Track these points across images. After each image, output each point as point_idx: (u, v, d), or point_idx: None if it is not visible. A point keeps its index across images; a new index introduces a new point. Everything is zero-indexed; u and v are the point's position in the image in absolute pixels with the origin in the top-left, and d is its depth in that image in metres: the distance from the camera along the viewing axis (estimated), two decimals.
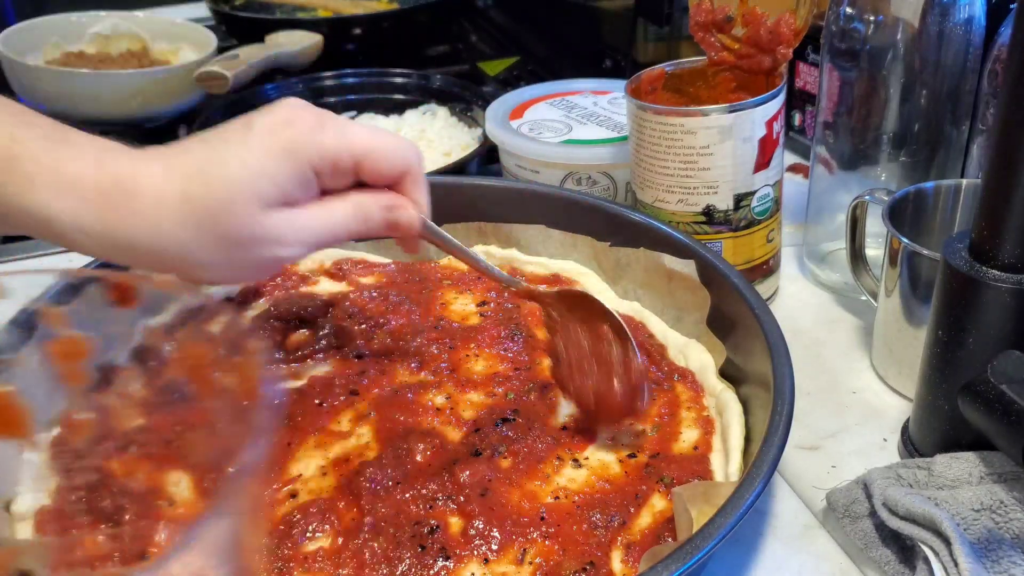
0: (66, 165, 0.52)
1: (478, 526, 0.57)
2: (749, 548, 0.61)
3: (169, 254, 0.53)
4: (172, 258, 0.54)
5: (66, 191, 0.52)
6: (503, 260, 0.84)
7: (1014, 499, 0.56)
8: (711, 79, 0.84)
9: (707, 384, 0.69)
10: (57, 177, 0.52)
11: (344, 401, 0.68)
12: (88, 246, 0.54)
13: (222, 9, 1.63)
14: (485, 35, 1.79)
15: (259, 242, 0.54)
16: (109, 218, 0.52)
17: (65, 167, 0.52)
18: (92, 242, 0.54)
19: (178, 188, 0.52)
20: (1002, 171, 0.54)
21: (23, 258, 1.00)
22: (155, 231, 0.53)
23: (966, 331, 0.59)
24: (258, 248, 0.54)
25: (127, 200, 0.52)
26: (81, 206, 0.52)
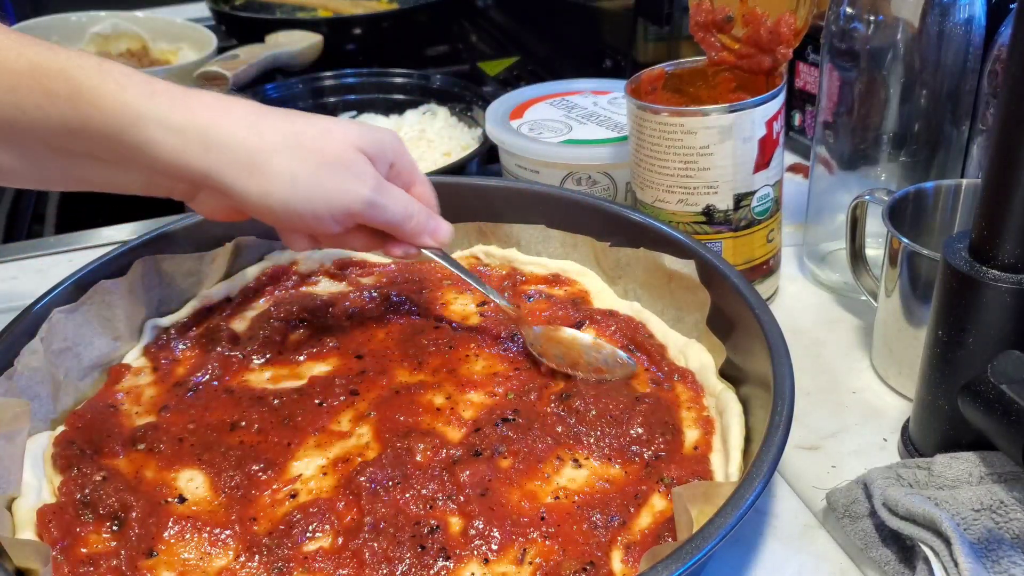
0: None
1: (478, 526, 0.57)
2: (749, 548, 0.61)
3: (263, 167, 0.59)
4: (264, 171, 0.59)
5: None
6: (503, 260, 0.84)
7: (1014, 499, 0.56)
8: (711, 79, 0.84)
9: (707, 384, 0.69)
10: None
11: (344, 401, 0.68)
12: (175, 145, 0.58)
13: (222, 9, 1.63)
14: (485, 35, 1.79)
15: (348, 166, 0.61)
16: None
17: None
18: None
19: (290, 131, 0.60)
20: (1002, 171, 0.54)
21: (23, 258, 1.00)
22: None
23: (966, 331, 0.59)
24: (343, 174, 0.61)
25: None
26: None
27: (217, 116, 0.58)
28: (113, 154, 0.58)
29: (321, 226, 0.62)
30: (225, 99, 0.60)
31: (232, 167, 0.58)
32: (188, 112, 0.57)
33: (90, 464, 0.61)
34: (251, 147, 0.58)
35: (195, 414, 0.67)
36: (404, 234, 0.67)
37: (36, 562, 0.52)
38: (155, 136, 0.56)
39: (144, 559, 0.56)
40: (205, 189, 0.61)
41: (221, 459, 0.62)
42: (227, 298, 0.80)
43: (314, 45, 1.47)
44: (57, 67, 0.55)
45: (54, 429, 0.66)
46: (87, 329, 0.70)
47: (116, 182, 0.62)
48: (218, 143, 0.58)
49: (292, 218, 0.61)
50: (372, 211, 0.63)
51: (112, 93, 0.55)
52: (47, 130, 0.56)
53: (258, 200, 0.59)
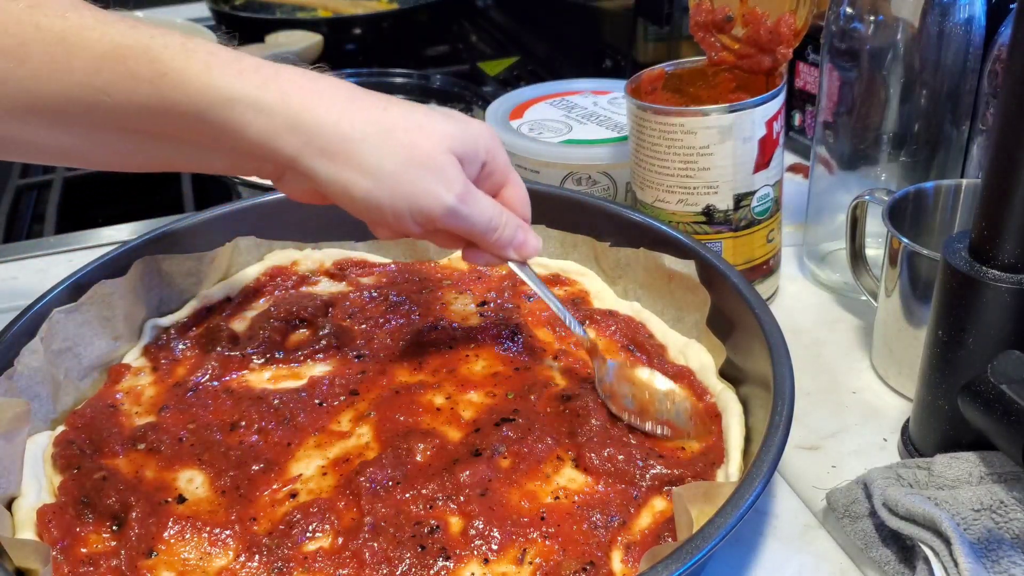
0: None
1: (478, 526, 0.57)
2: (749, 548, 0.61)
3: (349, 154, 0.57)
4: (348, 157, 0.57)
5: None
6: None
7: (1014, 499, 0.56)
8: (711, 79, 0.84)
9: (707, 384, 0.69)
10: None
11: (344, 401, 0.68)
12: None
13: (222, 9, 1.63)
14: (485, 35, 1.79)
15: (436, 168, 0.59)
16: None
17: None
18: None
19: (382, 122, 0.58)
20: (1002, 171, 0.54)
21: (23, 258, 1.00)
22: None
23: (966, 331, 0.59)
24: (430, 177, 0.59)
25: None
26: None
27: (309, 98, 0.56)
28: (198, 135, 0.57)
29: (400, 225, 0.60)
30: (318, 79, 0.58)
31: (319, 153, 0.57)
32: (279, 93, 0.55)
33: (90, 464, 0.61)
34: (341, 135, 0.57)
35: (195, 414, 0.67)
36: (487, 245, 0.64)
37: (36, 562, 0.52)
38: (243, 118, 0.55)
39: (144, 559, 0.56)
40: (291, 171, 0.60)
41: (221, 459, 0.62)
42: (227, 298, 0.80)
43: (314, 45, 1.47)
44: (141, 47, 0.53)
45: (54, 429, 0.66)
46: (87, 329, 0.70)
47: (200, 163, 0.61)
48: (307, 128, 0.56)
49: (372, 211, 0.59)
50: (454, 219, 0.60)
51: (198, 74, 0.54)
52: (131, 113, 0.55)
53: (341, 190, 0.58)
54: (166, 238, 0.78)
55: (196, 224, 0.79)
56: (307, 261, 0.84)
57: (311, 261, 0.84)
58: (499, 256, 0.65)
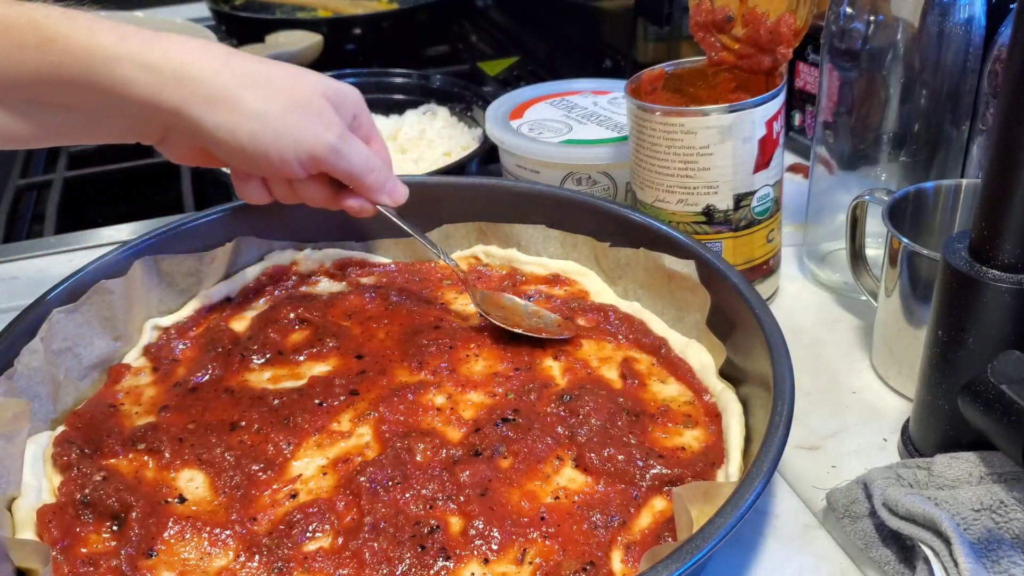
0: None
1: (478, 526, 0.57)
2: (749, 548, 0.61)
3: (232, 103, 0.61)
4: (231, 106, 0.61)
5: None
6: (503, 260, 0.84)
7: (1014, 499, 0.56)
8: (711, 79, 0.84)
9: (707, 384, 0.69)
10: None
11: (344, 401, 0.68)
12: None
13: (222, 9, 1.63)
14: (485, 35, 1.79)
15: (316, 110, 0.63)
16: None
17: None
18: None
19: (261, 71, 0.63)
20: (1002, 171, 0.54)
21: (23, 258, 1.00)
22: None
23: (966, 331, 0.59)
24: (311, 118, 0.63)
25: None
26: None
27: (190, 53, 0.60)
28: (86, 99, 0.59)
29: (285, 168, 0.64)
30: (198, 40, 0.61)
31: (204, 102, 0.59)
32: (161, 51, 0.58)
33: (90, 464, 0.61)
34: (223, 83, 0.60)
35: (195, 414, 0.67)
36: (363, 186, 0.68)
37: (36, 562, 0.52)
38: (129, 74, 0.57)
39: (144, 559, 0.56)
40: (175, 130, 0.63)
41: (221, 459, 0.62)
42: (227, 298, 0.80)
43: (314, 45, 1.47)
44: (25, 18, 0.56)
45: (54, 429, 0.66)
46: (87, 329, 0.70)
47: (89, 131, 0.63)
48: (191, 78, 0.59)
49: (258, 156, 0.62)
50: (336, 158, 0.64)
51: (83, 37, 0.56)
52: (19, 81, 0.57)
53: (227, 135, 0.61)
54: (166, 238, 0.78)
55: (196, 224, 0.79)
56: (307, 261, 0.84)
57: (311, 261, 0.84)
58: (374, 199, 0.70)
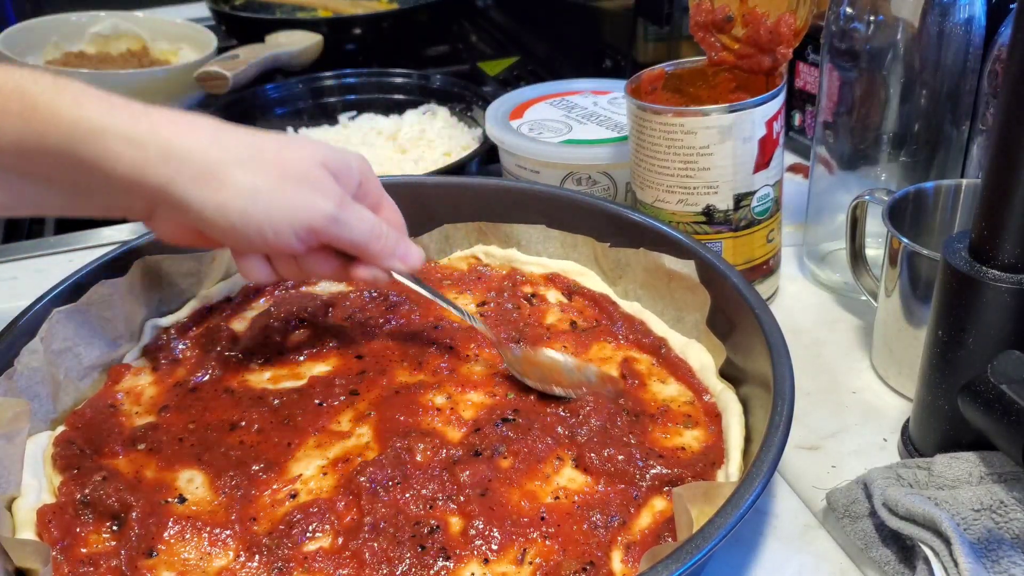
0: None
1: (478, 526, 0.57)
2: (749, 548, 0.61)
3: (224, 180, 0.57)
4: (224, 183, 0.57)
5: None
6: (503, 260, 0.84)
7: (1014, 499, 0.56)
8: (711, 79, 0.84)
9: (707, 384, 0.69)
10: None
11: (344, 401, 0.68)
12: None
13: (222, 9, 1.63)
14: (485, 35, 1.79)
15: (311, 181, 0.60)
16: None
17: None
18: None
19: (252, 144, 0.60)
20: (1002, 171, 0.54)
21: (23, 258, 1.00)
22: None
23: (966, 331, 0.59)
24: (306, 190, 0.60)
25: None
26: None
27: (179, 129, 0.56)
28: (69, 172, 0.56)
29: (281, 242, 0.60)
30: (187, 114, 0.58)
31: (191, 180, 0.56)
32: (148, 125, 0.55)
33: (90, 464, 0.61)
34: (212, 159, 0.57)
35: (195, 414, 0.67)
36: (371, 255, 0.64)
37: (36, 562, 0.52)
38: (114, 148, 0.54)
39: (144, 559, 0.56)
40: (163, 207, 0.59)
41: (221, 459, 0.62)
42: (227, 298, 0.80)
43: (314, 45, 1.47)
44: (11, 84, 0.53)
45: (54, 429, 0.66)
46: (87, 329, 0.70)
47: (72, 205, 0.60)
48: (178, 155, 0.56)
49: (251, 233, 0.58)
50: (336, 228, 0.61)
51: (68, 107, 0.54)
52: (1, 149, 0.54)
53: (215, 213, 0.57)
54: None
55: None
56: None
57: None
58: (385, 266, 0.66)
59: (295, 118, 1.29)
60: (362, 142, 1.18)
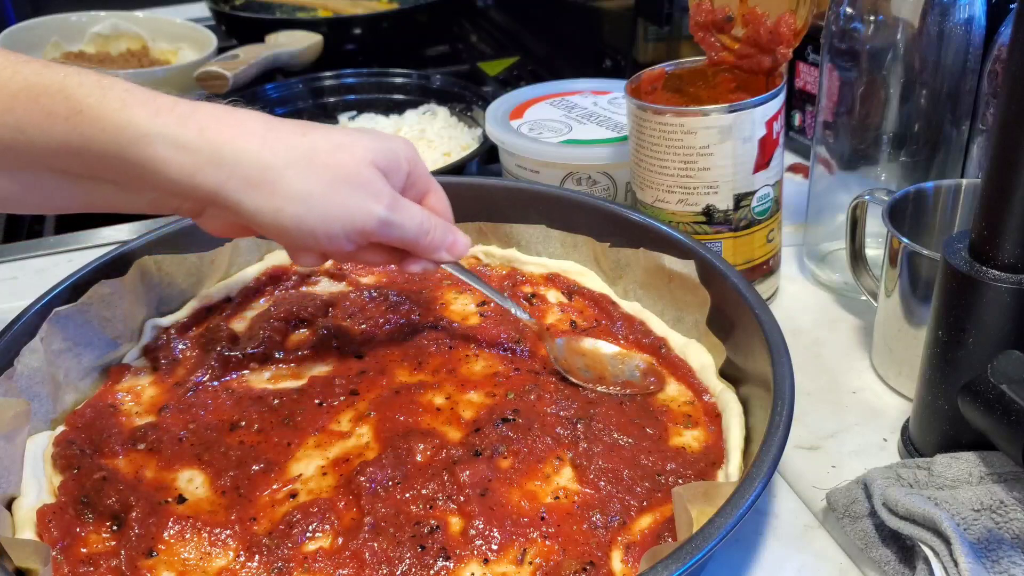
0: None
1: (478, 526, 0.57)
2: (749, 548, 0.61)
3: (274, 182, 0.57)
4: (274, 186, 0.57)
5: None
6: (503, 260, 0.84)
7: (1014, 499, 0.56)
8: (711, 79, 0.84)
9: (707, 384, 0.69)
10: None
11: (344, 401, 0.68)
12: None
13: (222, 9, 1.63)
14: (485, 35, 1.79)
15: (363, 183, 0.59)
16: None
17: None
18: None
19: (303, 147, 0.59)
20: (1002, 171, 0.54)
21: (23, 258, 1.00)
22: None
23: (966, 331, 0.59)
24: (359, 193, 0.59)
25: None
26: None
27: (227, 131, 0.56)
28: (118, 174, 0.56)
29: (334, 245, 0.60)
30: (235, 112, 0.57)
31: (243, 185, 0.56)
32: (197, 129, 0.55)
33: (90, 464, 0.61)
34: (263, 163, 0.56)
35: (195, 414, 0.67)
36: (420, 250, 0.65)
37: (36, 562, 0.52)
38: (163, 154, 0.54)
39: (144, 559, 0.56)
40: (213, 207, 0.59)
41: (221, 459, 0.62)
42: (227, 298, 0.80)
43: (314, 45, 1.47)
44: (56, 86, 0.53)
45: (54, 429, 0.66)
46: (87, 329, 0.70)
47: (120, 202, 0.60)
48: (230, 160, 0.55)
49: (305, 237, 0.59)
50: (387, 230, 0.61)
51: (115, 111, 0.53)
52: (48, 152, 0.54)
53: (270, 219, 0.57)
54: (166, 238, 0.78)
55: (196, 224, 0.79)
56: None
57: None
58: (434, 259, 0.66)
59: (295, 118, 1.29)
60: None
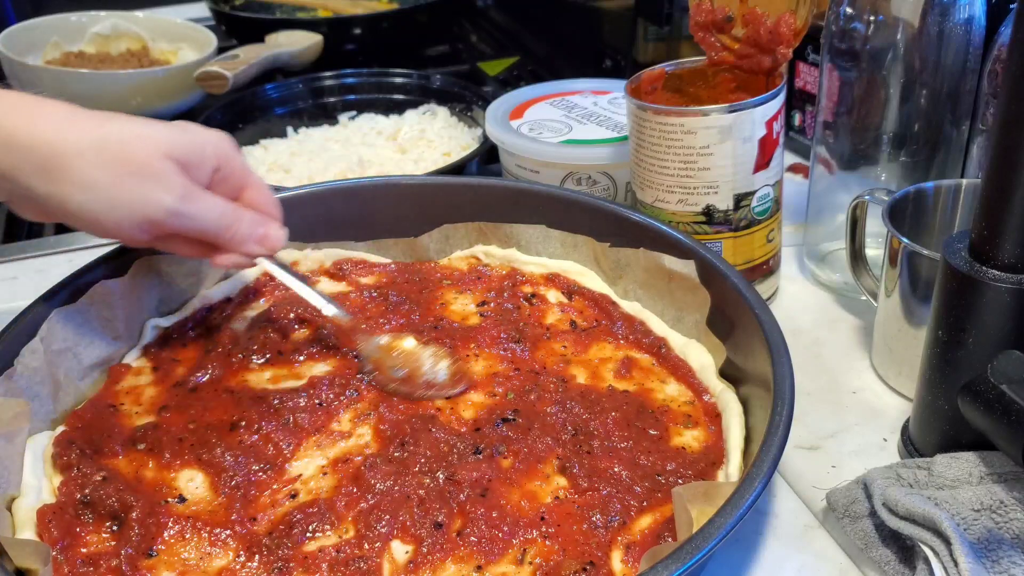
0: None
1: (478, 526, 0.57)
2: (749, 548, 0.61)
3: (61, 168, 0.58)
4: (61, 173, 0.58)
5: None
6: (503, 260, 0.84)
7: (1014, 499, 0.56)
8: (711, 79, 0.84)
9: (707, 384, 0.69)
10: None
11: (344, 401, 0.68)
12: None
13: (222, 9, 1.63)
14: (485, 35, 1.79)
15: (152, 174, 0.60)
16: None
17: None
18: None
19: (97, 136, 0.59)
20: (1002, 171, 0.54)
21: (23, 258, 1.00)
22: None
23: (966, 331, 0.59)
24: (146, 184, 0.59)
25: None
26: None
27: (24, 118, 0.57)
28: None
29: (124, 233, 0.61)
30: (39, 101, 0.59)
31: (35, 170, 0.57)
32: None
33: (90, 464, 0.61)
34: (55, 150, 0.57)
35: (195, 414, 0.67)
36: (224, 243, 0.65)
37: (36, 562, 0.52)
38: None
39: (144, 559, 0.56)
40: (15, 192, 0.60)
41: (221, 459, 0.62)
42: (227, 298, 0.80)
43: (314, 45, 1.47)
44: None
45: (54, 429, 0.66)
46: (87, 329, 0.70)
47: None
48: (22, 145, 0.57)
49: (92, 224, 0.60)
50: (179, 221, 0.61)
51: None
52: None
53: (58, 205, 0.59)
54: None
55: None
56: (307, 261, 0.84)
57: (311, 261, 0.84)
58: (243, 252, 0.66)
59: (295, 118, 1.29)
60: (362, 142, 1.18)
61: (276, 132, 1.24)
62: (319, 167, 1.10)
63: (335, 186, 0.85)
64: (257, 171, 1.11)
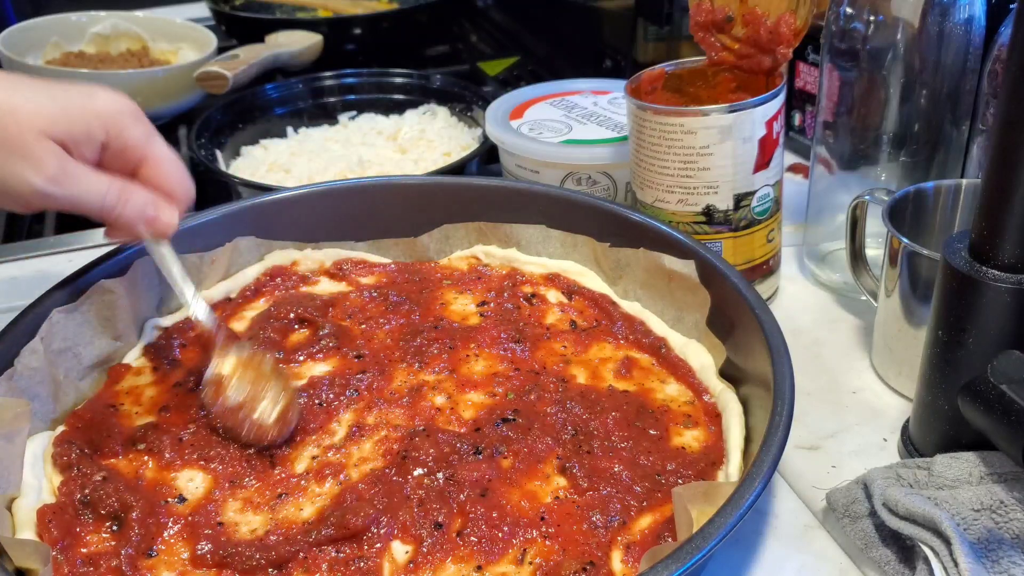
0: None
1: (478, 526, 0.57)
2: (749, 548, 0.61)
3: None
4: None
5: None
6: (503, 260, 0.84)
7: (1014, 499, 0.56)
8: (711, 79, 0.84)
9: (707, 384, 0.69)
10: None
11: (344, 401, 0.68)
12: None
13: (222, 9, 1.63)
14: (485, 35, 1.79)
15: (23, 152, 0.57)
16: None
17: None
18: None
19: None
20: (1002, 171, 0.54)
21: (23, 258, 1.00)
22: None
23: (966, 331, 0.59)
24: (16, 161, 0.57)
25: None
26: None
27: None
28: None
29: (6, 207, 0.60)
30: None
31: None
32: None
33: (90, 464, 0.61)
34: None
35: (195, 414, 0.67)
36: (111, 223, 0.63)
37: (36, 562, 0.52)
38: None
39: (144, 559, 0.56)
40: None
41: (221, 459, 0.62)
42: (227, 298, 0.80)
43: (314, 45, 1.47)
44: None
45: (54, 429, 0.66)
46: (87, 329, 0.70)
47: None
48: None
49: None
50: (48, 201, 0.60)
51: None
52: None
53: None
54: None
55: (196, 224, 0.79)
56: (307, 261, 0.84)
57: (311, 261, 0.84)
58: (131, 235, 0.65)
59: (295, 118, 1.29)
60: (362, 142, 1.18)
61: (276, 132, 1.24)
62: (319, 167, 1.10)
63: (335, 186, 0.85)
64: (257, 171, 1.12)
